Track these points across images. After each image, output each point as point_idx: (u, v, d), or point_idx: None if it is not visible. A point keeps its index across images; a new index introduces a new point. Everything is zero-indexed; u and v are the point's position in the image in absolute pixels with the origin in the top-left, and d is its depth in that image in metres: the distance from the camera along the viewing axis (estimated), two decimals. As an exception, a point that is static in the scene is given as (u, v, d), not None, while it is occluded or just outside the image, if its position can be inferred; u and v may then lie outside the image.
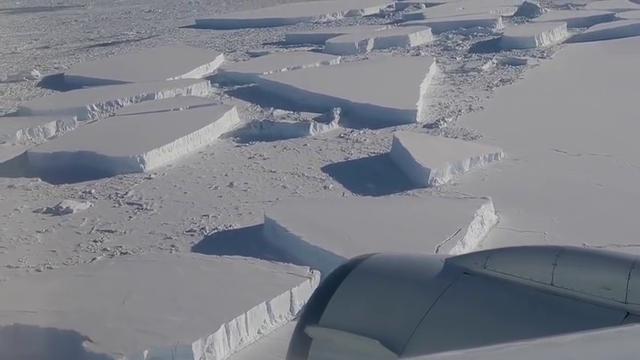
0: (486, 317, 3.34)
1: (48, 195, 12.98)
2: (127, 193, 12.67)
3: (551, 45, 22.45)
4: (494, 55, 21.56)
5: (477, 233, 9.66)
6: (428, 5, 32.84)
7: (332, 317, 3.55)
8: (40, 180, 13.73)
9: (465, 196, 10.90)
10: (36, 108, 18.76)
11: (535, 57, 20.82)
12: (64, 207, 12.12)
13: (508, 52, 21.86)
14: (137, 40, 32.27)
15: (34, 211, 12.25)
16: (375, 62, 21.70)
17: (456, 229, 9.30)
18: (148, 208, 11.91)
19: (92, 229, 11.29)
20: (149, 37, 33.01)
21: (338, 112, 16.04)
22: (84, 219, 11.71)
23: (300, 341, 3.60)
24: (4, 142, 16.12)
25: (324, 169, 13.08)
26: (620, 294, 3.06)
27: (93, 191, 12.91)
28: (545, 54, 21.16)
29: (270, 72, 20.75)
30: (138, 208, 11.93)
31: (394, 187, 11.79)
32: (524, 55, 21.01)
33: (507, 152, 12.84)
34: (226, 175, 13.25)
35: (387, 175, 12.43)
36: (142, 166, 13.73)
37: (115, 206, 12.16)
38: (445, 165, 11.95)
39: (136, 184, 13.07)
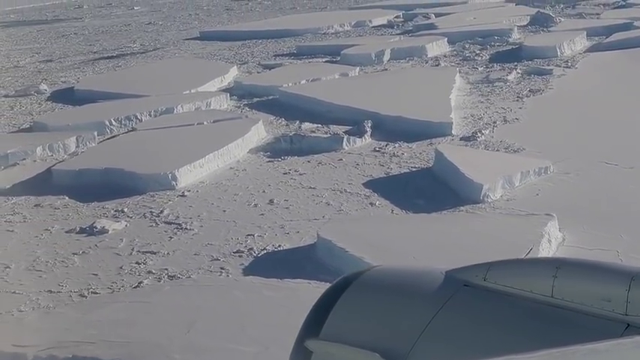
0: (487, 330, 3.34)
1: (79, 214, 12.44)
2: (162, 211, 12.13)
3: (572, 54, 22.03)
4: (516, 65, 21.13)
5: (547, 253, 9.17)
6: (437, 15, 32.38)
7: (332, 330, 3.56)
8: (67, 198, 13.19)
9: (526, 213, 10.42)
10: (51, 123, 18.21)
11: (560, 67, 20.39)
12: (99, 227, 11.58)
13: (530, 62, 21.43)
14: (142, 53, 31.72)
15: (67, 232, 11.71)
16: (397, 73, 21.23)
17: (526, 249, 8.78)
18: (188, 227, 11.38)
19: (132, 250, 10.76)
20: (154, 50, 32.46)
21: (369, 124, 15.56)
22: (121, 239, 11.18)
23: (301, 355, 3.60)
24: (24, 159, 15.56)
25: (366, 185, 12.58)
26: (621, 306, 3.05)
27: (126, 210, 12.38)
28: (569, 63, 20.73)
29: (290, 84, 20.25)
30: (177, 228, 11.40)
31: (444, 204, 11.32)
32: (548, 65, 20.58)
33: (556, 165, 12.37)
34: (264, 191, 12.74)
35: (433, 191, 11.95)
36: (173, 183, 13.21)
37: (152, 226, 11.63)
38: (496, 180, 11.47)
39: (170, 202, 12.54)
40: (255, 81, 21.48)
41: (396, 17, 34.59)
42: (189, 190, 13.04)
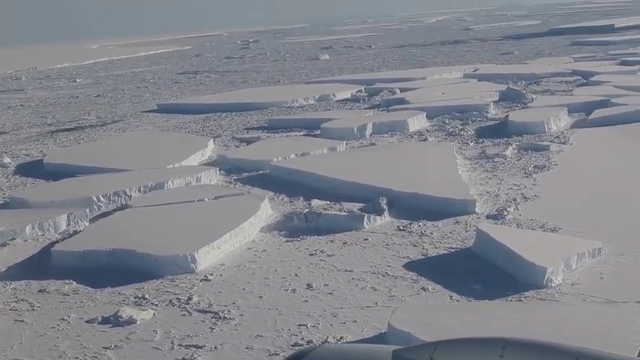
0: None
1: (94, 301, 11.24)
2: (190, 298, 11.03)
3: (559, 130, 21.85)
4: (508, 141, 20.79)
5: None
6: (402, 90, 32.13)
7: None
8: (75, 283, 11.98)
9: (607, 300, 9.71)
10: (32, 199, 16.95)
11: (554, 142, 20.13)
12: (125, 316, 10.40)
13: (520, 138, 21.11)
14: (102, 125, 30.58)
15: (88, 322, 10.51)
16: (390, 148, 20.61)
17: (636, 344, 8.00)
18: (227, 316, 10.30)
19: (172, 343, 9.62)
20: (113, 122, 31.36)
21: (384, 202, 14.78)
22: (155, 331, 10.03)
23: None
24: (13, 239, 14.29)
25: (408, 267, 11.72)
26: None
27: (147, 296, 11.23)
28: (562, 139, 20.49)
29: (279, 158, 19.43)
30: (215, 317, 10.31)
31: (505, 289, 10.53)
32: (542, 141, 20.28)
33: (606, 246, 11.73)
34: (296, 275, 11.76)
35: (486, 274, 11.16)
36: (193, 265, 12.14)
37: (184, 315, 10.51)
38: (557, 263, 10.75)
39: (195, 287, 11.45)
40: (240, 155, 20.58)
41: (359, 91, 34.25)
42: (212, 274, 11.97)
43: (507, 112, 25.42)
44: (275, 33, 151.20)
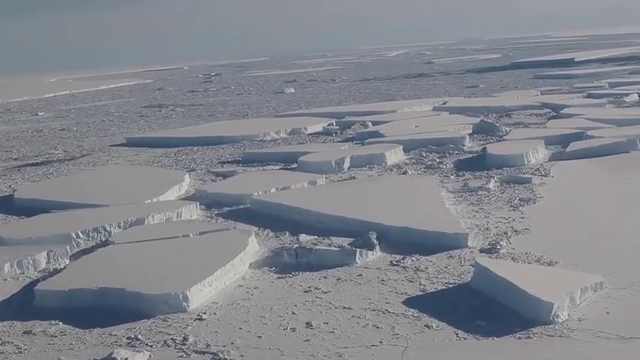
0: None
1: (84, 343, 10.76)
2: (185, 338, 10.61)
3: (538, 163, 21.85)
4: (488, 174, 20.75)
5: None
6: (374, 123, 32.05)
7: None
8: (61, 324, 11.49)
9: (619, 337, 9.53)
10: (6, 236, 16.40)
11: (535, 175, 20.09)
12: (120, 358, 9.95)
13: (500, 170, 21.07)
14: (70, 160, 30.02)
15: (81, 365, 10.03)
16: (372, 182, 20.42)
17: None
18: (227, 357, 9.90)
19: (174, 387, 9.19)
20: (82, 156, 30.82)
21: (374, 236, 14.52)
22: (153, 374, 9.59)
23: None
24: (-8, 278, 13.74)
25: (408, 304, 11.43)
26: None
27: (140, 337, 10.78)
28: (542, 172, 20.47)
29: (260, 192, 19.11)
30: (215, 359, 9.90)
31: (511, 325, 10.28)
32: (523, 174, 20.23)
33: (607, 280, 11.58)
34: (293, 313, 11.40)
35: (489, 310, 10.91)
36: (185, 304, 11.71)
37: (182, 356, 10.09)
38: (563, 298, 10.55)
39: (189, 327, 11.03)
40: (219, 189, 20.21)
41: (330, 125, 34.15)
42: (205, 313, 11.57)
43: (484, 144, 25.42)
44: (236, 67, 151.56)
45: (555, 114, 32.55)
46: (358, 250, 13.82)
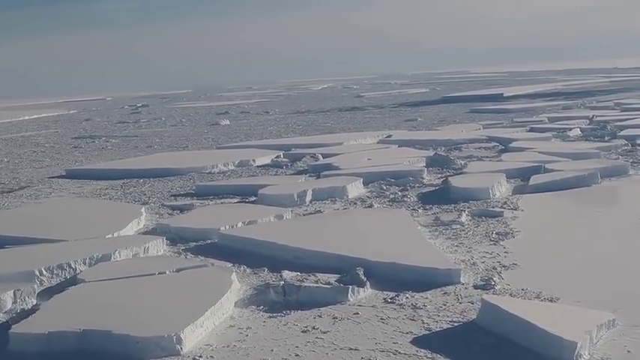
0: None
1: (73, 392, 9.88)
2: (187, 385, 9.84)
3: (503, 196, 21.67)
4: (455, 207, 20.48)
5: None
6: (324, 156, 31.63)
7: None
8: (43, 370, 10.57)
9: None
10: (-38, 273, 15.20)
11: (504, 209, 19.83)
12: (120, 410, 9.13)
13: (467, 204, 20.80)
14: (8, 192, 28.68)
15: (75, 417, 9.15)
16: (341, 215, 19.86)
17: None
18: (239, 406, 9.17)
19: None
20: (20, 189, 29.48)
21: (361, 272, 13.98)
22: None
23: None
24: (-44, 320, 12.66)
25: (417, 344, 10.88)
26: None
27: (135, 384, 9.96)
28: (510, 205, 20.27)
29: (227, 227, 18.38)
30: (226, 407, 9.16)
31: (533, 365, 9.84)
32: (491, 207, 19.99)
33: (617, 316, 11.27)
34: (297, 355, 10.72)
35: (506, 350, 10.46)
36: (178, 347, 10.92)
37: (188, 405, 9.31)
38: (583, 336, 10.16)
39: (188, 373, 10.25)
40: (182, 223, 19.36)
41: (277, 157, 33.60)
42: (201, 356, 10.80)
43: (443, 177, 25.22)
44: (161, 98, 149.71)
45: (504, 147, 32.68)
46: (350, 287, 13.22)
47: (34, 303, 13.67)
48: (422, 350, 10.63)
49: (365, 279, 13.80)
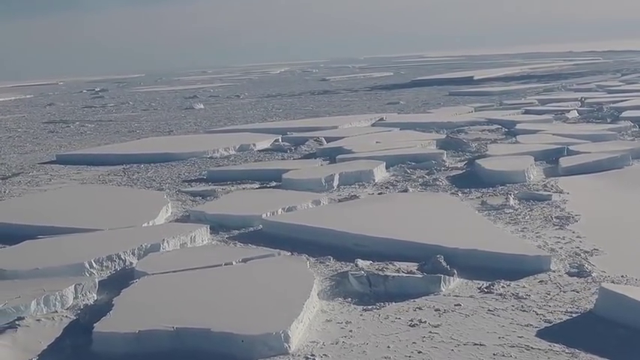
0: None
1: (186, 398, 8.93)
2: (314, 388, 8.96)
3: (538, 179, 21.06)
4: (494, 191, 19.81)
5: None
6: (328, 140, 30.77)
7: None
8: (142, 374, 9.60)
9: None
10: (5, 267, 14.08)
11: (549, 192, 19.18)
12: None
13: (504, 187, 20.14)
14: (3, 179, 27.25)
15: None
16: (387, 200, 18.99)
17: None
18: (389, 411, 8.32)
19: None
20: (14, 175, 28.10)
21: (442, 260, 13.19)
22: None
23: None
24: (22, 318, 11.54)
25: (545, 338, 10.12)
26: None
27: (255, 388, 9.05)
28: (553, 188, 19.63)
29: (268, 213, 17.46)
30: (375, 413, 8.31)
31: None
32: (536, 191, 19.35)
33: None
34: (419, 352, 9.89)
35: (645, 343, 9.76)
36: (286, 345, 10.03)
37: (330, 411, 8.44)
38: None
39: (306, 375, 9.38)
40: (219, 210, 18.33)
41: (275, 141, 32.63)
42: (314, 355, 9.92)
43: (465, 161, 24.60)
44: (116, 82, 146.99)
45: (507, 130, 32.14)
46: (442, 276, 12.42)
47: (96, 298, 12.64)
48: (555, 345, 9.88)
49: (447, 267, 13.01)
